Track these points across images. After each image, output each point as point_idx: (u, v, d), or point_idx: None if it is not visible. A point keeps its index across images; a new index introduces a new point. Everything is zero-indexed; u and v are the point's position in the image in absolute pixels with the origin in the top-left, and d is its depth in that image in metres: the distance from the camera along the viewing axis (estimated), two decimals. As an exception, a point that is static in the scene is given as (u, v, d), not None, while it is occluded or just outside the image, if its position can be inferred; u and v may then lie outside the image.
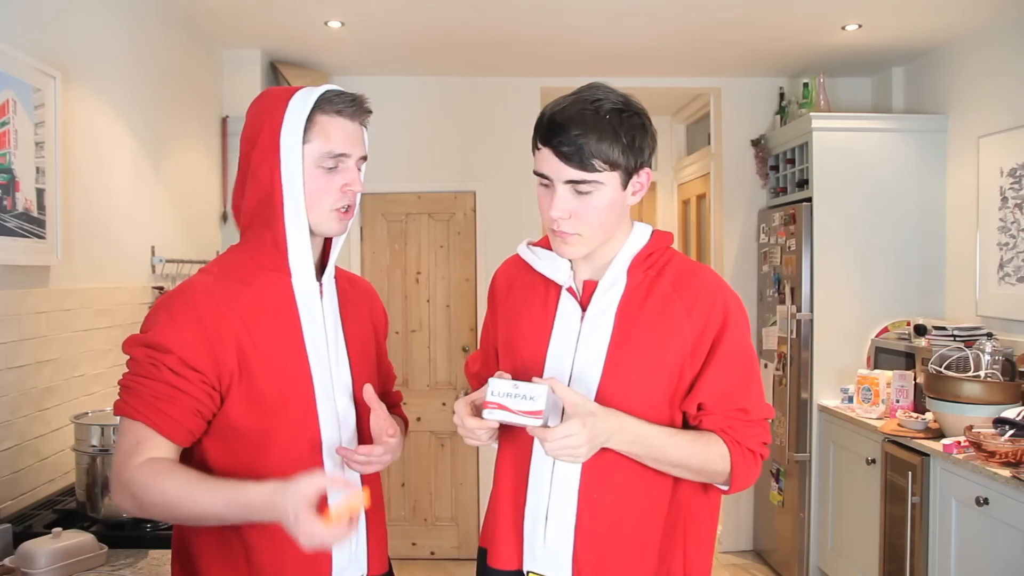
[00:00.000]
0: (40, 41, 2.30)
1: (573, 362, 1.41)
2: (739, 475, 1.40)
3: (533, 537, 1.42)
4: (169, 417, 1.28)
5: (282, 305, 1.39)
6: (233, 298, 1.35)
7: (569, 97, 1.36)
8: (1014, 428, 2.72)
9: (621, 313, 1.40)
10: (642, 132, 1.36)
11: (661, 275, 1.43)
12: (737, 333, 1.41)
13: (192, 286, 1.37)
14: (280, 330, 1.37)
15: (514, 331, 1.50)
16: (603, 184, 1.34)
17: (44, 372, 2.29)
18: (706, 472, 1.40)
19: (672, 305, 1.40)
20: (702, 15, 3.48)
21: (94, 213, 2.61)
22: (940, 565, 2.98)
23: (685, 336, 1.39)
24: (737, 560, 4.55)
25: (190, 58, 3.53)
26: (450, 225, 4.61)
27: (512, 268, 1.59)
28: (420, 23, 3.57)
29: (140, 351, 1.31)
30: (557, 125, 1.32)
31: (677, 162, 5.76)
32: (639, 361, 1.39)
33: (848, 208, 3.96)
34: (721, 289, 1.43)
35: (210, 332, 1.31)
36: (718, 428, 1.40)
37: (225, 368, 1.31)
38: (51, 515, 2.06)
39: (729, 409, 1.40)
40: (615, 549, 1.41)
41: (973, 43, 3.72)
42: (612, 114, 1.33)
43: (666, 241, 1.48)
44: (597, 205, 1.35)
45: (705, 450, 1.38)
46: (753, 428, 1.41)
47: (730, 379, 1.40)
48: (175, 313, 1.32)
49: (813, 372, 3.97)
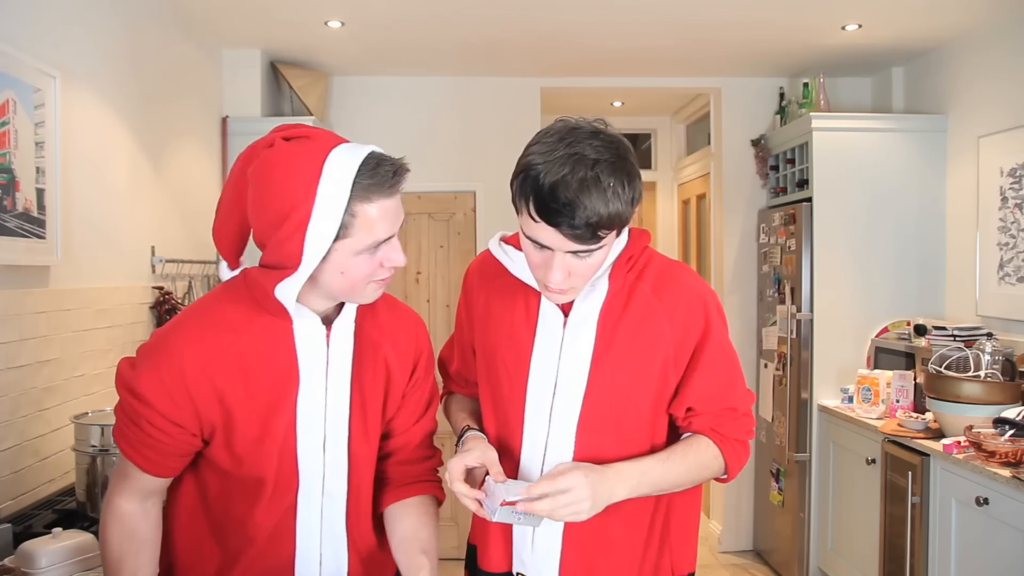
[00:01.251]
0: (40, 41, 2.30)
1: (558, 370, 1.40)
2: (734, 467, 1.43)
3: (522, 542, 1.43)
4: (151, 460, 1.31)
5: (278, 352, 1.30)
6: (219, 355, 1.27)
7: (562, 158, 1.23)
8: (1014, 428, 2.71)
9: (603, 319, 1.39)
10: (637, 178, 1.28)
11: (641, 278, 1.42)
12: (719, 334, 1.42)
13: (180, 336, 1.29)
14: (270, 381, 1.29)
15: (494, 335, 1.47)
16: (604, 246, 1.30)
17: (44, 372, 2.29)
18: (704, 478, 1.42)
19: (653, 311, 1.39)
20: (702, 15, 3.48)
21: (94, 213, 2.61)
22: (940, 565, 2.98)
23: (668, 341, 1.39)
24: (737, 560, 4.55)
25: (190, 58, 3.53)
26: (450, 225, 4.61)
27: (487, 266, 1.52)
28: (420, 23, 3.57)
29: (126, 396, 1.30)
30: (562, 204, 1.21)
31: (677, 162, 5.76)
32: (623, 368, 1.38)
33: (848, 208, 3.96)
34: (700, 292, 1.43)
35: (192, 390, 1.27)
36: (707, 428, 1.42)
37: (207, 420, 1.30)
38: (51, 515, 2.06)
39: (718, 409, 1.42)
40: (603, 553, 1.41)
41: (973, 43, 3.72)
42: (615, 176, 1.24)
43: (643, 241, 1.45)
44: (596, 263, 1.32)
45: (699, 460, 1.39)
46: (740, 420, 1.44)
47: (718, 381, 1.41)
48: (160, 366, 1.27)
49: (813, 372, 3.97)
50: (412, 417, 1.47)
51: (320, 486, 1.35)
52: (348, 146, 1.23)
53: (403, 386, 1.44)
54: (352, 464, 1.38)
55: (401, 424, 1.46)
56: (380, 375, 1.40)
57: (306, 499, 1.35)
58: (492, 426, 1.48)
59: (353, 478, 1.38)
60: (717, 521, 4.76)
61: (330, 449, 1.35)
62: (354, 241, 1.22)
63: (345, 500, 1.38)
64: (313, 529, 1.36)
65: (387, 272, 1.29)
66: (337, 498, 1.37)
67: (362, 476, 1.40)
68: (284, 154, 1.21)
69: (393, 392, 1.43)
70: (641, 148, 5.92)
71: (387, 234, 1.24)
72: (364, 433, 1.39)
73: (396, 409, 1.45)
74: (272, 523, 1.34)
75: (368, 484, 1.42)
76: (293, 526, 1.35)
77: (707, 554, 4.62)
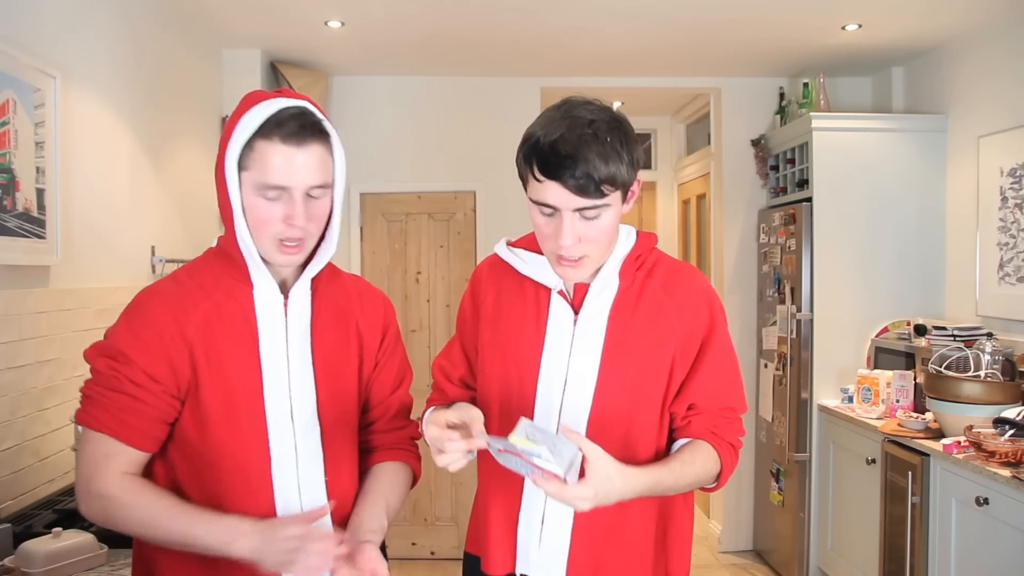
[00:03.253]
0: (40, 41, 2.30)
1: (568, 366, 1.41)
2: (726, 473, 1.44)
3: (528, 540, 1.42)
4: (133, 428, 1.29)
5: (241, 318, 1.34)
6: (190, 309, 1.32)
7: (559, 120, 1.31)
8: (1014, 428, 2.72)
9: (614, 316, 1.41)
10: (635, 142, 1.35)
11: (650, 277, 1.45)
12: (723, 334, 1.46)
13: (152, 294, 1.36)
14: (234, 345, 1.32)
15: (503, 333, 1.49)
16: (610, 205, 1.33)
17: (44, 372, 2.29)
18: (702, 484, 1.42)
19: (663, 308, 1.42)
20: (702, 15, 3.48)
21: (94, 213, 2.61)
22: (940, 565, 2.98)
23: (676, 338, 1.42)
24: (737, 560, 4.55)
25: (190, 58, 3.53)
26: (450, 225, 4.61)
27: (496, 269, 1.56)
28: (420, 23, 3.57)
29: (102, 362, 1.31)
30: (562, 157, 1.27)
31: (677, 162, 5.76)
32: (634, 365, 1.40)
33: (848, 208, 3.96)
34: (707, 291, 1.47)
35: (166, 343, 1.30)
36: (707, 429, 1.42)
37: (183, 378, 1.31)
38: (51, 515, 2.06)
39: (719, 408, 1.43)
40: (611, 552, 1.41)
41: (973, 43, 3.72)
42: (611, 134, 1.30)
43: (651, 242, 1.49)
44: (605, 226, 1.35)
45: (704, 466, 1.39)
46: (735, 424, 1.46)
47: (720, 379, 1.44)
48: (134, 323, 1.32)
49: (813, 372, 3.97)
50: (387, 388, 1.50)
51: (293, 457, 1.35)
52: (276, 99, 1.32)
53: (375, 352, 1.48)
54: (324, 430, 1.38)
55: (377, 395, 1.49)
56: (352, 339, 1.44)
57: (281, 472, 1.33)
58: (496, 422, 1.48)
59: (328, 445, 1.38)
60: (717, 521, 4.76)
61: (298, 417, 1.35)
62: (250, 175, 1.29)
63: (323, 471, 1.37)
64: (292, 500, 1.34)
65: (293, 232, 1.30)
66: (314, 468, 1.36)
67: (337, 442, 1.40)
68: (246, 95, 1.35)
69: (367, 357, 1.46)
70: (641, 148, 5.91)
71: (283, 179, 1.28)
72: (333, 398, 1.40)
73: (371, 373, 1.48)
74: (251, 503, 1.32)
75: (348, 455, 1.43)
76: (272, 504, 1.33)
77: (707, 554, 4.62)
